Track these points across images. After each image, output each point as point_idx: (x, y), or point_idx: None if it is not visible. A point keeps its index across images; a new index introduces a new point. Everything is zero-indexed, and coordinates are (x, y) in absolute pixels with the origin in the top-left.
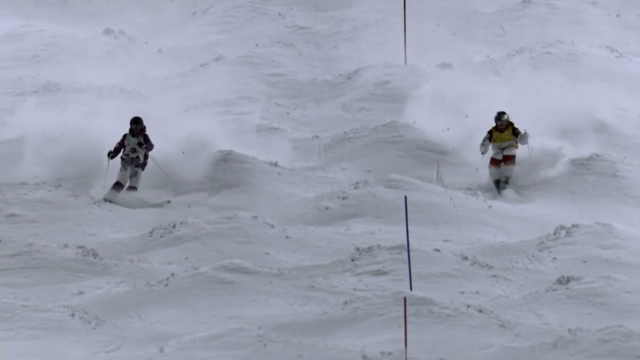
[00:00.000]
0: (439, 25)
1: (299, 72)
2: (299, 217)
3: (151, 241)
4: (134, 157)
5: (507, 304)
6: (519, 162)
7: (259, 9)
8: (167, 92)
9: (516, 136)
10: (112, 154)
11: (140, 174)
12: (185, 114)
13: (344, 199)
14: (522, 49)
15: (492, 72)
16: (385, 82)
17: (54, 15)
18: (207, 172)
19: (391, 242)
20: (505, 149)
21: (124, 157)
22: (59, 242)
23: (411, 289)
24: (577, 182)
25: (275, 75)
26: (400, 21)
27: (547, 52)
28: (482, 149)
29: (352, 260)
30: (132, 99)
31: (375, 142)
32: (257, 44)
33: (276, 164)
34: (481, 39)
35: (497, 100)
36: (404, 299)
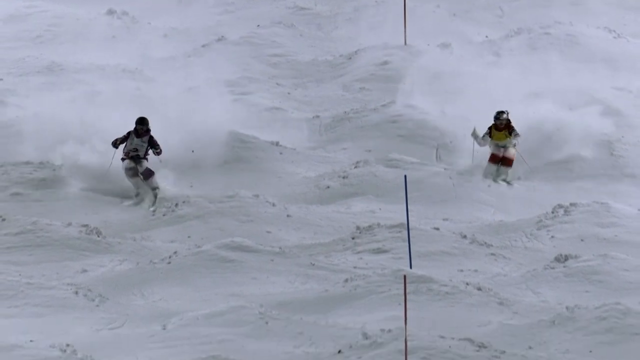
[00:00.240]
0: (439, 6)
1: (299, 52)
2: (300, 196)
3: (154, 220)
4: (134, 155)
5: (506, 282)
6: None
7: None
8: (169, 73)
9: (511, 134)
10: (118, 142)
11: (145, 163)
12: (187, 94)
13: (344, 178)
14: (520, 29)
15: (491, 52)
16: (385, 63)
17: None
18: (210, 152)
19: (391, 221)
20: (505, 148)
21: (125, 153)
22: (63, 221)
23: (411, 267)
24: (575, 161)
25: (276, 55)
26: (400, 2)
27: (546, 33)
28: (481, 142)
29: (353, 238)
30: (134, 79)
31: (375, 122)
32: (258, 25)
33: (277, 144)
34: (480, 19)
35: (496, 80)
36: (404, 277)
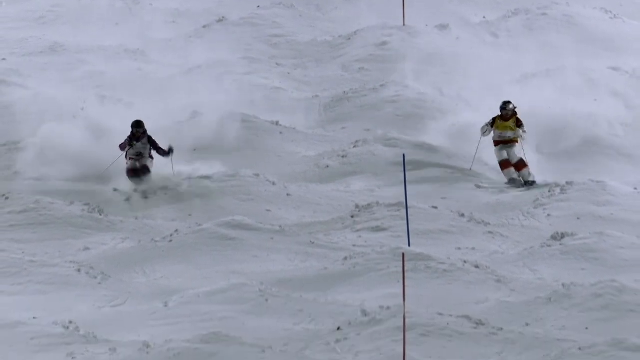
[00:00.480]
0: None
1: (299, 33)
2: (299, 175)
3: (155, 198)
4: (137, 159)
5: (503, 259)
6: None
7: None
8: (170, 53)
9: (519, 127)
10: (125, 146)
11: (151, 162)
12: (188, 74)
13: (343, 157)
14: (517, 10)
15: (489, 33)
16: (384, 43)
17: None
18: (211, 132)
19: (390, 200)
20: (508, 143)
21: (129, 159)
22: (66, 199)
23: (409, 245)
24: (571, 139)
25: (276, 36)
26: None
27: (543, 14)
28: (482, 131)
29: (352, 217)
30: (136, 60)
31: (374, 102)
32: (258, 6)
33: (277, 123)
34: (478, 0)
35: (493, 61)
36: (402, 254)
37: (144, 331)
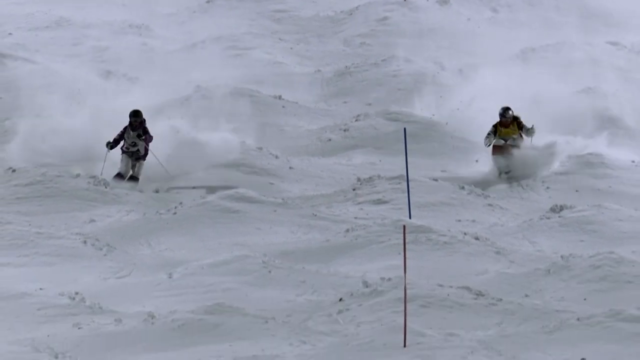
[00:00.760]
0: None
1: (302, 8)
2: (302, 149)
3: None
4: (133, 150)
5: (503, 231)
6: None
7: None
8: (174, 28)
9: (521, 129)
10: (112, 144)
11: (142, 165)
12: (191, 48)
13: (345, 131)
14: None
15: (489, 8)
16: (385, 18)
17: None
18: (214, 106)
19: (391, 172)
20: (505, 151)
21: (124, 150)
22: (72, 172)
23: (410, 217)
24: (569, 114)
25: (279, 11)
26: None
27: None
28: (486, 142)
29: (354, 189)
30: (141, 35)
31: (375, 76)
32: None
33: (280, 97)
34: None
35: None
36: (403, 227)
37: (149, 302)
